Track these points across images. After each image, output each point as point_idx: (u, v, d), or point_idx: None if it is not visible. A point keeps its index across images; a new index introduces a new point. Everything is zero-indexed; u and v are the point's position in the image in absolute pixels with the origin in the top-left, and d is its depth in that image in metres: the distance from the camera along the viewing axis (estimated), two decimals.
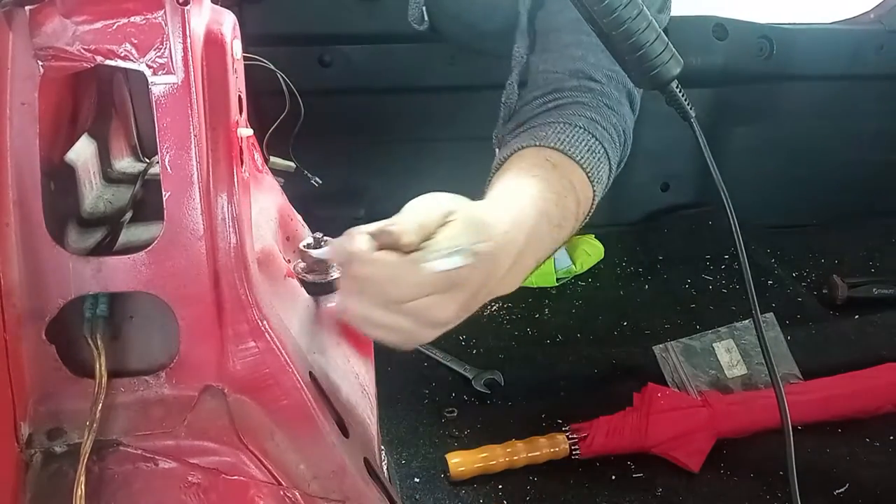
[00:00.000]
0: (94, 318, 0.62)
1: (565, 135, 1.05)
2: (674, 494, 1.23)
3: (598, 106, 1.11)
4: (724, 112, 1.97)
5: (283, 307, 0.67)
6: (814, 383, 1.40)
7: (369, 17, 1.79)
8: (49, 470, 0.59)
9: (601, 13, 0.80)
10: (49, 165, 0.64)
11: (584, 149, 1.05)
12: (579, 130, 1.06)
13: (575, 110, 1.10)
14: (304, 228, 0.88)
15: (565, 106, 1.11)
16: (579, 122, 1.07)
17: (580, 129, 1.06)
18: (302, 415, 0.64)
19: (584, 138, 1.06)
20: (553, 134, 1.05)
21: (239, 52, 0.64)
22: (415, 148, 1.86)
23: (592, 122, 1.08)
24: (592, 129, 1.07)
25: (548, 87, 1.15)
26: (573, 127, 1.06)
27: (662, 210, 2.07)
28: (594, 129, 1.08)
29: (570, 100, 1.12)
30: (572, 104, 1.11)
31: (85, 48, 0.57)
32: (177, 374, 0.62)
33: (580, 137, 1.06)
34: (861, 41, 2.02)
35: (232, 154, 0.61)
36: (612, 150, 1.09)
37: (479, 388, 1.43)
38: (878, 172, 2.11)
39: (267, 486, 0.62)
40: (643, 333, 1.62)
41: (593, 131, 1.07)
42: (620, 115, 1.13)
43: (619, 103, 1.14)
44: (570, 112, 1.10)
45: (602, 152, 1.06)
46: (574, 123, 1.07)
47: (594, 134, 1.07)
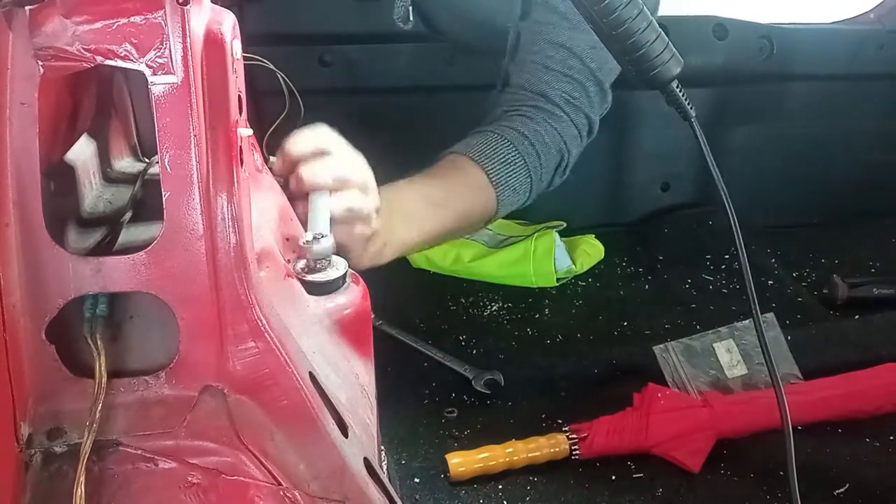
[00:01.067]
0: (93, 318, 0.62)
1: (488, 145, 1.27)
2: (674, 494, 1.23)
3: (539, 121, 1.31)
4: (724, 112, 1.97)
5: (283, 307, 0.67)
6: (814, 383, 1.39)
7: (369, 17, 1.79)
8: (49, 470, 0.59)
9: (601, 13, 0.81)
10: (49, 165, 0.64)
11: (498, 159, 1.25)
12: (503, 141, 1.27)
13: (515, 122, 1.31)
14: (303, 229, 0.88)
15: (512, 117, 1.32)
16: (507, 135, 1.28)
17: (505, 140, 1.28)
18: (302, 415, 0.63)
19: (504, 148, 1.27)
20: (477, 143, 1.27)
21: (239, 52, 0.64)
22: (415, 148, 1.85)
23: (522, 136, 1.29)
24: (518, 142, 1.28)
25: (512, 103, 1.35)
26: (500, 138, 1.28)
27: (662, 210, 2.07)
28: (519, 143, 1.28)
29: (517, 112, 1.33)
30: (518, 116, 1.32)
31: (85, 48, 0.57)
32: (177, 374, 0.62)
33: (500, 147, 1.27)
34: (861, 41, 2.02)
35: (232, 154, 0.61)
36: (535, 161, 1.29)
37: (479, 388, 1.43)
38: (878, 172, 2.11)
39: (267, 487, 0.62)
40: (643, 333, 1.62)
41: (517, 144, 1.28)
42: (560, 136, 1.32)
43: (567, 126, 1.33)
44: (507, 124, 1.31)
45: (520, 163, 1.27)
46: (502, 135, 1.28)
47: (517, 146, 1.28)
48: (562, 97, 1.33)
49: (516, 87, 1.37)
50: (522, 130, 1.29)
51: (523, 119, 1.31)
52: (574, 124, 1.34)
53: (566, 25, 1.33)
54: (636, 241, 1.99)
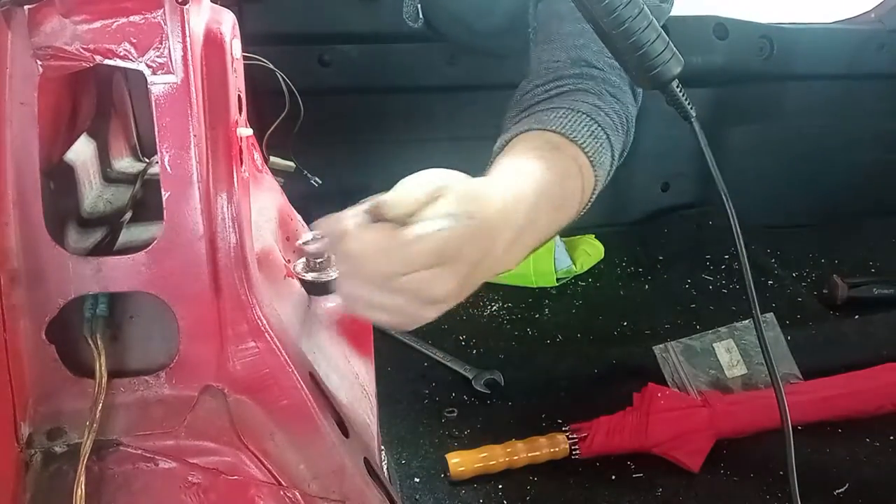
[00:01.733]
0: (93, 318, 0.62)
1: (568, 119, 1.04)
2: (674, 494, 1.23)
3: (600, 93, 1.10)
4: (724, 112, 1.97)
5: (283, 307, 0.67)
6: (814, 383, 1.39)
7: (369, 17, 1.79)
8: (49, 470, 0.59)
9: (601, 13, 0.80)
10: (48, 165, 0.64)
11: (587, 133, 1.03)
12: (582, 116, 1.05)
13: (577, 97, 1.09)
14: (303, 228, 0.88)
15: (568, 93, 1.10)
16: (582, 108, 1.06)
17: (583, 114, 1.05)
18: (302, 415, 0.63)
19: (586, 123, 1.04)
20: (556, 118, 1.04)
21: (238, 52, 0.64)
22: (415, 148, 1.85)
23: (595, 107, 1.07)
24: (595, 114, 1.06)
25: (549, 76, 1.13)
26: (576, 112, 1.05)
27: (662, 210, 2.07)
28: (597, 115, 1.06)
29: (571, 87, 1.11)
30: (574, 91, 1.10)
31: (84, 48, 0.57)
32: (177, 374, 0.62)
33: (583, 122, 1.04)
34: (861, 41, 2.02)
35: (232, 154, 0.61)
36: (615, 136, 1.08)
37: (479, 388, 1.43)
38: (878, 172, 2.11)
39: (267, 486, 0.62)
40: (643, 333, 1.62)
41: (596, 117, 1.06)
42: (623, 103, 1.12)
43: (621, 91, 1.13)
44: (572, 98, 1.08)
45: (605, 138, 1.05)
46: (577, 109, 1.05)
47: (597, 120, 1.05)
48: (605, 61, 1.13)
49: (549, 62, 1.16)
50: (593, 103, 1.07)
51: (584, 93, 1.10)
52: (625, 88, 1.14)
53: None
54: (636, 241, 1.99)
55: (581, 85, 1.11)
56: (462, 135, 1.84)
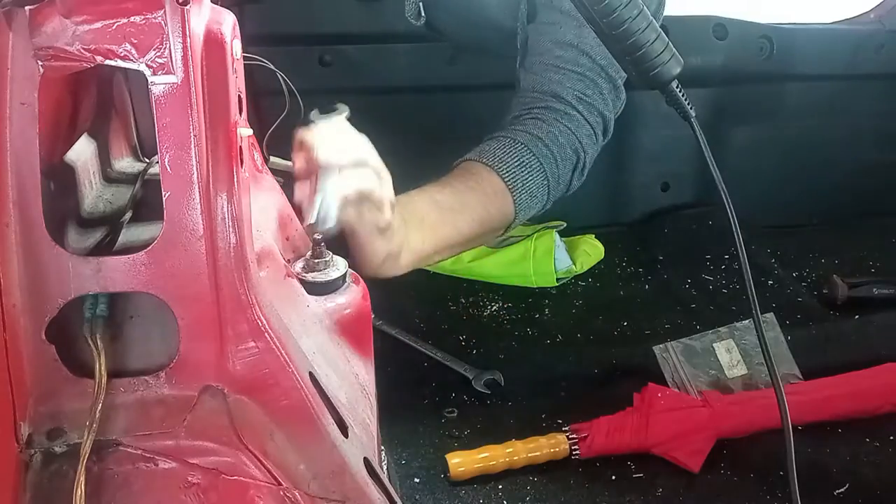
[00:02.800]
0: (93, 318, 0.62)
1: (501, 150, 1.22)
2: (674, 494, 1.23)
3: (552, 122, 1.27)
4: (724, 112, 1.97)
5: (283, 307, 0.67)
6: (814, 383, 1.39)
7: (369, 17, 1.79)
8: (49, 470, 0.59)
9: (601, 13, 0.81)
10: (49, 165, 0.64)
11: (514, 163, 1.21)
12: (518, 145, 1.23)
13: (528, 126, 1.27)
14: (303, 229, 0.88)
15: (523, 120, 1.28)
16: (521, 138, 1.24)
17: (520, 144, 1.23)
18: (302, 415, 0.63)
19: (518, 153, 1.23)
20: (490, 149, 1.23)
21: (239, 52, 0.64)
22: (415, 148, 1.86)
23: (536, 138, 1.24)
24: (532, 144, 1.23)
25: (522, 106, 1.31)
26: (514, 142, 1.23)
27: (662, 210, 2.07)
28: (534, 146, 1.23)
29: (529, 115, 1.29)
30: (529, 119, 1.28)
31: (85, 48, 0.57)
32: (176, 374, 0.62)
33: (515, 152, 1.22)
34: (861, 41, 2.02)
35: (232, 154, 0.61)
36: (551, 164, 1.24)
37: (479, 388, 1.43)
38: (878, 172, 2.11)
39: (267, 487, 0.62)
40: (643, 333, 1.62)
41: (532, 147, 1.23)
42: (576, 136, 1.28)
43: (579, 125, 1.29)
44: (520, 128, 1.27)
45: (536, 165, 1.22)
46: (516, 139, 1.24)
47: (531, 149, 1.23)
48: (574, 95, 1.28)
49: (525, 91, 1.33)
50: (536, 133, 1.25)
51: (535, 121, 1.27)
52: (588, 123, 1.29)
53: (573, 24, 1.28)
54: (636, 241, 1.99)
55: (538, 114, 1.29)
56: (462, 135, 1.83)
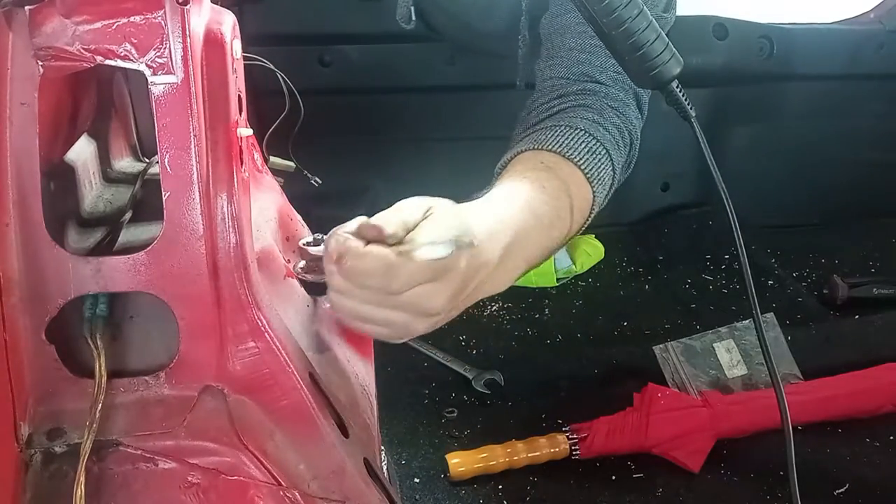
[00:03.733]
0: (93, 318, 0.62)
1: (564, 137, 1.06)
2: (674, 494, 1.23)
3: (601, 108, 1.12)
4: (724, 112, 1.97)
5: (283, 307, 0.67)
6: (814, 383, 1.39)
7: (369, 17, 1.79)
8: (49, 470, 0.59)
9: (601, 13, 0.81)
10: (49, 165, 0.64)
11: (584, 150, 1.05)
12: (579, 132, 1.07)
13: (577, 113, 1.11)
14: (304, 228, 0.88)
15: (568, 109, 1.13)
16: (580, 125, 1.08)
17: (580, 131, 1.07)
18: (302, 415, 0.64)
19: (583, 140, 1.06)
20: (552, 137, 1.06)
21: (239, 52, 0.64)
22: (415, 148, 1.86)
23: (594, 123, 1.09)
24: (594, 130, 1.08)
25: (553, 93, 1.16)
26: (573, 129, 1.07)
27: (662, 210, 2.07)
28: (595, 131, 1.08)
29: (573, 103, 1.13)
30: (576, 107, 1.12)
31: (85, 48, 0.57)
32: (176, 374, 0.62)
33: (579, 139, 1.06)
34: (861, 41, 2.01)
35: (232, 154, 0.61)
36: (616, 150, 1.10)
37: (479, 388, 1.43)
38: (878, 172, 2.11)
39: (267, 486, 0.62)
40: (643, 333, 1.62)
41: (594, 133, 1.08)
42: (625, 117, 1.14)
43: (624, 105, 1.15)
44: (571, 115, 1.10)
45: (603, 153, 1.07)
46: (575, 126, 1.08)
47: (595, 135, 1.07)
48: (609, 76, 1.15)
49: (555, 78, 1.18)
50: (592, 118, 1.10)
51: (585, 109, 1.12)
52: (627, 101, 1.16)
53: None
54: (636, 241, 1.99)
55: (582, 101, 1.13)
56: (462, 135, 1.84)
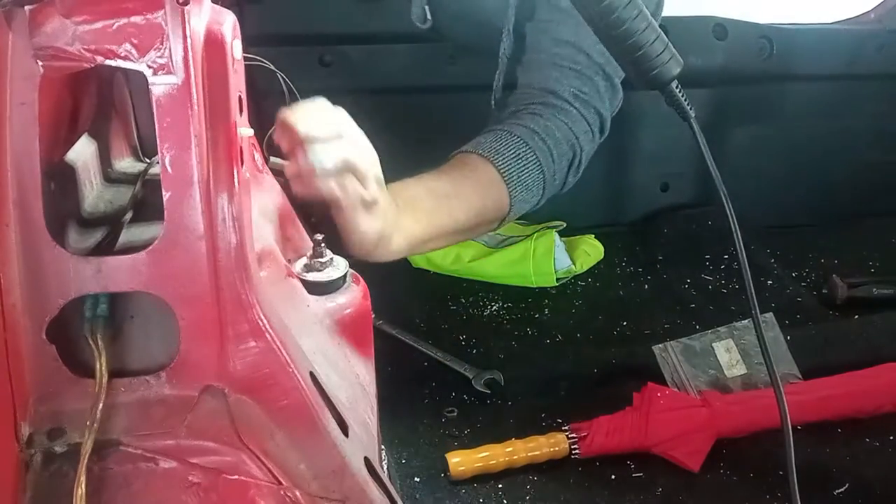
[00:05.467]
0: (94, 318, 0.62)
1: (498, 142, 1.23)
2: (674, 494, 1.23)
3: (549, 117, 1.28)
4: (724, 112, 1.97)
5: (283, 307, 0.68)
6: (814, 383, 1.39)
7: (369, 17, 1.79)
8: (49, 470, 0.59)
9: (601, 14, 0.81)
10: (49, 165, 0.64)
11: (510, 154, 1.21)
12: (514, 138, 1.23)
13: (524, 120, 1.27)
14: (304, 229, 0.88)
15: (521, 114, 1.29)
16: (517, 132, 1.25)
17: (516, 136, 1.24)
18: (302, 415, 0.64)
19: (514, 144, 1.23)
20: (486, 141, 1.23)
21: (239, 52, 0.64)
22: (415, 148, 1.85)
23: (532, 132, 1.25)
24: (528, 138, 1.24)
25: (520, 102, 1.32)
26: (511, 135, 1.24)
27: (662, 210, 2.07)
28: (530, 139, 1.24)
29: (527, 111, 1.29)
30: (527, 114, 1.29)
31: (85, 48, 0.57)
32: (177, 374, 0.62)
33: (510, 143, 1.23)
34: (861, 41, 2.02)
35: (232, 154, 0.61)
36: (547, 158, 1.25)
37: (479, 388, 1.43)
38: (877, 172, 2.11)
39: (267, 486, 0.62)
40: (643, 333, 1.62)
41: (528, 140, 1.24)
42: (572, 132, 1.29)
43: (576, 121, 1.30)
44: (517, 122, 1.27)
45: (532, 158, 1.23)
46: (513, 132, 1.24)
47: (528, 142, 1.23)
48: (570, 92, 1.30)
49: (524, 87, 1.34)
50: (532, 127, 1.26)
51: (533, 116, 1.28)
52: (585, 119, 1.31)
53: (571, 22, 1.28)
54: (636, 241, 1.99)
55: (536, 109, 1.29)
56: (462, 135, 1.83)
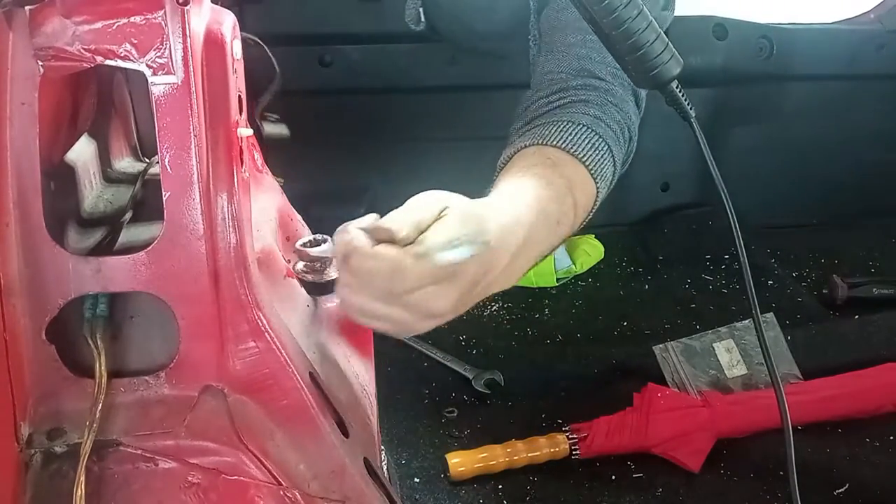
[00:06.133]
0: (94, 318, 0.62)
1: (568, 133, 1.06)
2: (674, 494, 1.23)
3: (602, 103, 1.12)
4: (724, 112, 1.97)
5: (283, 307, 0.68)
6: (814, 383, 1.39)
7: (369, 17, 1.79)
8: (49, 470, 0.59)
9: (601, 13, 0.81)
10: (49, 165, 0.64)
11: (587, 146, 1.05)
12: (582, 128, 1.07)
13: (579, 108, 1.11)
14: (304, 228, 0.88)
15: (569, 104, 1.12)
16: (583, 120, 1.07)
17: (583, 126, 1.07)
18: (302, 415, 0.64)
19: (586, 135, 1.06)
20: (556, 132, 1.06)
21: (239, 52, 0.65)
22: (415, 148, 1.86)
23: (596, 119, 1.09)
24: (596, 126, 1.08)
25: (553, 87, 1.15)
26: (576, 125, 1.07)
27: (662, 210, 2.07)
28: (597, 127, 1.08)
29: (574, 98, 1.13)
30: (576, 102, 1.12)
31: (85, 48, 0.57)
32: (177, 374, 0.62)
33: (583, 135, 1.06)
34: (861, 41, 2.01)
35: (232, 154, 0.61)
36: (616, 146, 1.10)
37: (479, 388, 1.43)
38: (878, 172, 2.11)
39: (267, 486, 0.62)
40: (643, 333, 1.62)
41: (596, 129, 1.07)
42: (625, 113, 1.14)
43: (623, 101, 1.15)
44: (573, 110, 1.10)
45: (606, 149, 1.07)
46: (577, 122, 1.07)
47: (597, 131, 1.07)
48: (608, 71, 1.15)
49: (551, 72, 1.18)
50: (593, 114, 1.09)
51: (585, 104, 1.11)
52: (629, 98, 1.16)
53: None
54: (636, 241, 1.99)
55: (583, 96, 1.13)
56: (462, 135, 1.84)
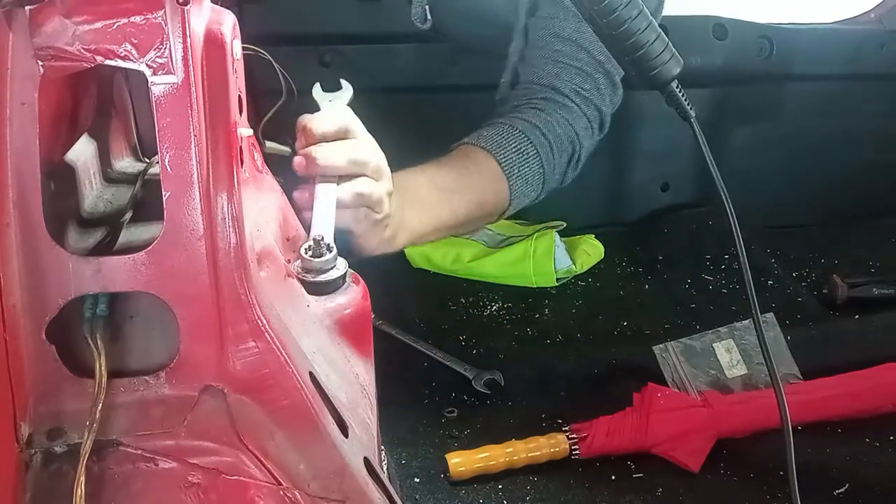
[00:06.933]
0: (94, 318, 0.62)
1: (499, 135, 1.26)
2: (674, 494, 1.23)
3: (551, 113, 1.31)
4: (724, 112, 1.97)
5: (283, 307, 0.67)
6: (814, 383, 1.39)
7: (369, 17, 1.79)
8: (49, 470, 0.59)
9: (601, 13, 0.81)
10: (49, 165, 0.64)
11: (511, 148, 1.25)
12: (515, 132, 1.27)
13: (526, 115, 1.30)
14: (304, 229, 0.88)
15: (523, 109, 1.32)
16: (519, 126, 1.28)
17: (517, 131, 1.27)
18: (302, 415, 0.64)
19: (515, 138, 1.26)
20: (488, 134, 1.26)
21: (239, 52, 0.65)
22: (415, 148, 1.86)
23: (533, 126, 1.28)
24: (529, 132, 1.27)
25: (522, 98, 1.35)
26: (512, 129, 1.27)
27: (662, 210, 2.07)
28: (531, 133, 1.27)
29: (529, 105, 1.32)
30: (530, 108, 1.32)
31: (85, 48, 0.57)
32: (177, 374, 0.62)
33: (512, 137, 1.26)
34: (861, 41, 2.02)
35: (232, 154, 0.61)
36: (547, 152, 1.29)
37: (479, 388, 1.43)
38: (878, 172, 2.11)
39: (267, 486, 0.62)
40: (643, 333, 1.62)
41: (529, 134, 1.27)
42: (572, 127, 1.32)
43: (577, 116, 1.33)
44: (519, 115, 1.30)
45: (532, 153, 1.27)
46: (514, 126, 1.28)
47: (528, 136, 1.27)
48: (572, 89, 1.33)
49: (526, 83, 1.37)
50: (534, 121, 1.29)
51: (535, 111, 1.31)
52: (585, 115, 1.34)
53: (573, 19, 1.34)
54: (636, 241, 1.99)
55: (538, 105, 1.32)
56: (462, 135, 1.83)
